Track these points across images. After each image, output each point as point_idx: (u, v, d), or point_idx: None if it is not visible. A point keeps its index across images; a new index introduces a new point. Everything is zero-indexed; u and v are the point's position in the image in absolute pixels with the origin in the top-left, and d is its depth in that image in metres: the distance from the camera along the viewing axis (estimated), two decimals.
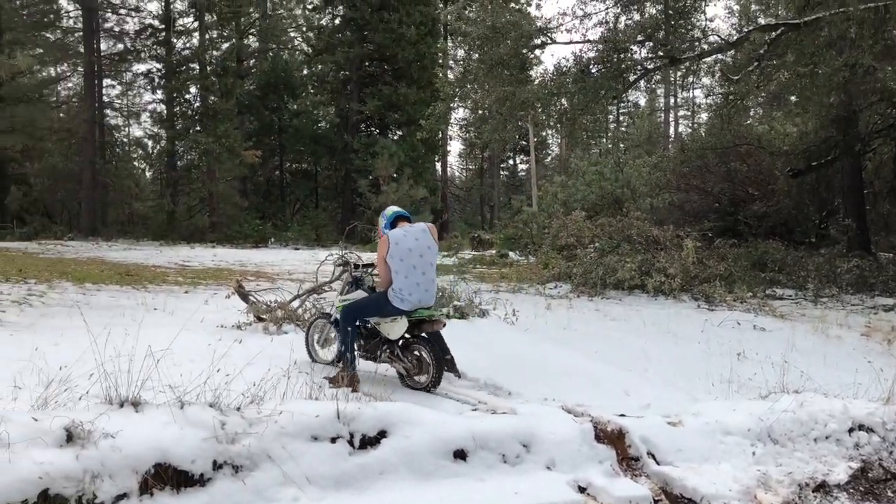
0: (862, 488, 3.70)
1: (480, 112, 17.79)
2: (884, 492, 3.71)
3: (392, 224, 5.12)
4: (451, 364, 5.16)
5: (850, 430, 4.06)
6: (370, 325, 5.15)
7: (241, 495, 2.78)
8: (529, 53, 14.39)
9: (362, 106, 33.38)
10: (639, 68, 13.79)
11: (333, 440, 3.11)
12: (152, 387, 3.15)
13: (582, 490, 3.28)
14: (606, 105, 16.56)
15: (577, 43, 13.55)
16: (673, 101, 48.51)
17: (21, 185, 29.80)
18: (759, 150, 17.38)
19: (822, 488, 3.61)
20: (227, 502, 2.76)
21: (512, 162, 49.02)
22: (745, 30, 14.20)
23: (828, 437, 4.00)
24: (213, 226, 30.27)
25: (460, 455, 3.31)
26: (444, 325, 5.19)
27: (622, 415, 3.98)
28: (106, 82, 33.34)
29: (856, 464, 3.85)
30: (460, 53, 36.57)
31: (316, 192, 38.31)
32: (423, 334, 5.04)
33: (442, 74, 29.90)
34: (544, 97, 13.38)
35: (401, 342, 5.06)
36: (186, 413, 2.95)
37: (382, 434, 3.24)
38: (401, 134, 34.53)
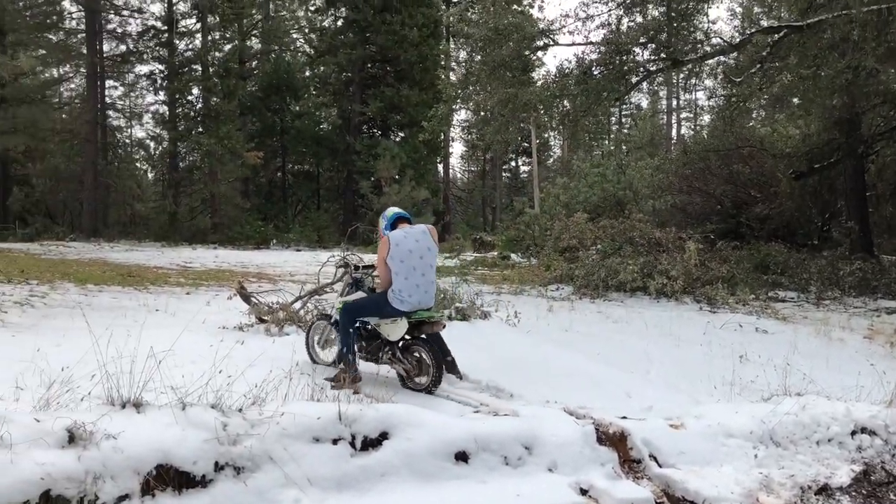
0: (864, 491, 3.69)
1: (482, 114, 17.75)
2: (886, 495, 3.71)
3: (392, 225, 5.12)
4: (451, 365, 5.16)
5: (853, 433, 4.05)
6: (370, 327, 5.16)
7: (242, 497, 2.78)
8: (532, 55, 14.39)
9: (364, 107, 33.39)
10: (641, 70, 13.78)
11: (335, 442, 3.11)
12: (154, 388, 3.15)
13: (584, 492, 3.28)
14: (609, 107, 16.56)
15: (580, 45, 13.55)
16: (675, 103, 48.45)
17: (23, 185, 29.83)
18: (762, 152, 17.34)
19: (825, 491, 3.60)
20: None
21: (514, 164, 49.00)
22: (748, 32, 14.19)
23: (830, 440, 3.99)
24: (215, 227, 30.25)
25: (462, 457, 3.30)
26: (444, 327, 5.21)
27: (624, 417, 3.98)
28: (108, 83, 33.39)
29: (858, 467, 3.84)
30: (462, 55, 36.82)
31: (318, 193, 38.32)
32: (422, 336, 5.04)
33: (444, 76, 29.92)
34: (546, 99, 13.37)
35: (401, 344, 5.06)
36: (188, 414, 2.95)
37: (384, 436, 3.24)
38: (403, 135, 34.55)
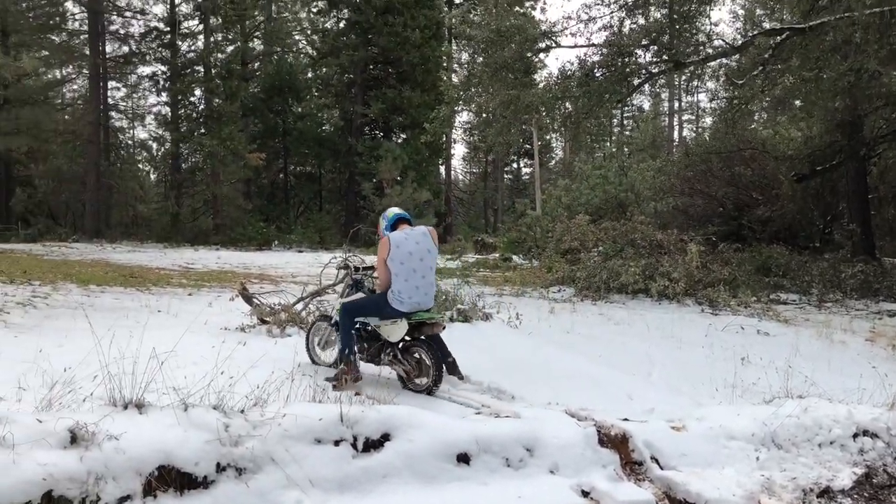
0: (866, 494, 3.69)
1: (484, 115, 17.78)
2: (888, 497, 3.70)
3: (393, 226, 5.13)
4: (453, 367, 5.16)
5: (855, 436, 4.05)
6: (371, 328, 5.16)
7: (244, 498, 2.78)
8: (534, 57, 14.39)
9: (366, 109, 33.40)
10: (643, 72, 13.79)
11: (337, 443, 3.11)
12: (156, 389, 3.15)
13: (585, 494, 3.28)
14: (611, 109, 16.55)
15: (582, 47, 13.60)
16: (677, 105, 48.45)
17: (26, 186, 29.90)
18: (764, 154, 17.34)
19: (827, 494, 3.60)
20: None
21: (516, 165, 48.95)
22: (750, 34, 14.23)
23: (832, 443, 3.99)
24: (217, 228, 30.28)
25: (463, 459, 3.30)
26: (444, 328, 5.21)
27: (626, 419, 3.98)
28: (111, 84, 33.46)
29: (860, 469, 3.84)
30: (465, 57, 36.72)
31: (320, 194, 38.33)
32: (422, 337, 5.04)
33: (446, 78, 29.84)
34: (548, 101, 13.39)
35: (401, 345, 5.07)
36: (190, 415, 2.95)
37: (386, 437, 3.24)
38: (405, 137, 34.55)
